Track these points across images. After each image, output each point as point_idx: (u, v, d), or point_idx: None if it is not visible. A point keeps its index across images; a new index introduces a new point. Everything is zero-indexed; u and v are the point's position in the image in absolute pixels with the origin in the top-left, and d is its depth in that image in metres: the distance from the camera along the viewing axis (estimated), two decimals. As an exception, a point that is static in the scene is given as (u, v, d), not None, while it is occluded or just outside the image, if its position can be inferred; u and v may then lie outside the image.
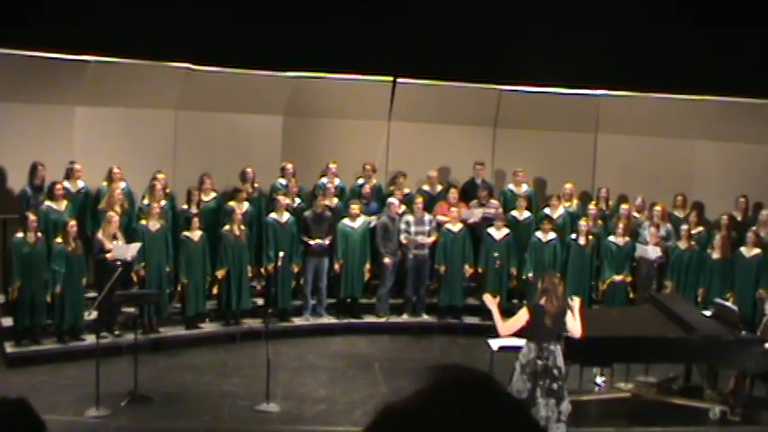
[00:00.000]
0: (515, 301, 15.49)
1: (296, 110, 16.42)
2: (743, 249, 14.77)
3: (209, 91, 15.53)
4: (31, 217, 12.90)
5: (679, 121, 16.56)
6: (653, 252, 14.62)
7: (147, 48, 14.45)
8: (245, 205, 14.88)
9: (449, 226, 15.29)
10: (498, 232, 15.19)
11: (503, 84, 16.65)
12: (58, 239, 12.97)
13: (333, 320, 15.18)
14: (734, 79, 15.23)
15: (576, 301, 10.00)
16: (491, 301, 10.02)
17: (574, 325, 9.85)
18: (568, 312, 9.84)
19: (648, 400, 12.04)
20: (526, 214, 15.76)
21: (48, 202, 13.70)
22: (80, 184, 14.36)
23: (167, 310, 14.20)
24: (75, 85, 14.42)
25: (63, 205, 13.74)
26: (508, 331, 9.93)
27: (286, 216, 14.79)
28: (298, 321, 14.97)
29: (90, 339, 12.52)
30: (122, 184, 14.33)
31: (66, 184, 14.06)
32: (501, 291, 14.96)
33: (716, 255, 14.74)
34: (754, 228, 15.04)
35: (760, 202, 15.93)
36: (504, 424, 1.43)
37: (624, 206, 15.57)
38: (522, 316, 9.75)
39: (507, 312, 13.42)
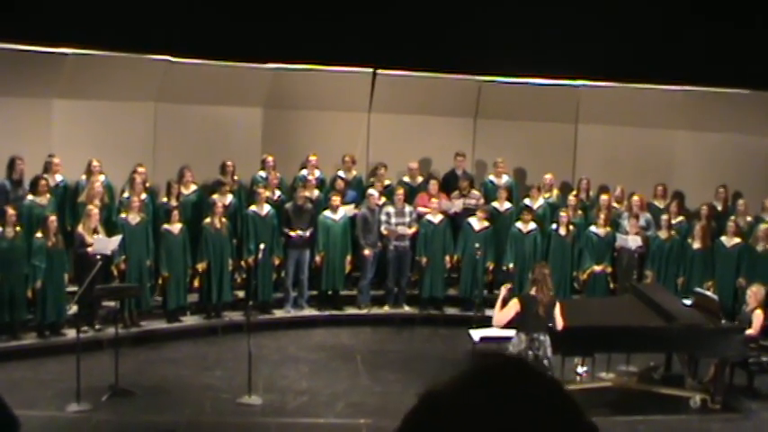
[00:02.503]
0: (496, 291, 15.53)
1: (276, 102, 16.38)
2: (723, 239, 14.86)
3: (188, 83, 15.46)
4: (10, 211, 12.81)
5: (659, 112, 16.61)
6: (633, 242, 14.67)
7: (126, 40, 14.36)
8: (229, 198, 14.85)
9: (429, 217, 15.29)
10: (479, 223, 15.20)
11: (483, 75, 16.65)
12: (38, 234, 12.88)
13: (314, 312, 15.17)
14: (713, 70, 15.29)
15: (557, 305, 10.12)
16: (503, 291, 10.26)
17: (558, 318, 9.96)
18: (557, 304, 9.95)
19: (629, 389, 12.09)
20: (507, 205, 15.79)
21: (31, 197, 13.61)
22: (58, 177, 14.26)
23: (148, 303, 14.14)
24: (52, 77, 14.33)
25: (46, 200, 13.65)
26: (500, 322, 10.02)
27: (266, 208, 14.76)
28: (279, 314, 14.95)
29: (70, 334, 12.43)
30: (101, 178, 14.25)
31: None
32: (475, 281, 14.99)
33: (696, 244, 14.82)
34: (733, 217, 15.13)
35: (739, 191, 16.00)
36: (543, 404, 1.47)
37: (604, 196, 15.61)
38: (513, 306, 9.83)
39: (489, 303, 13.50)
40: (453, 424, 1.46)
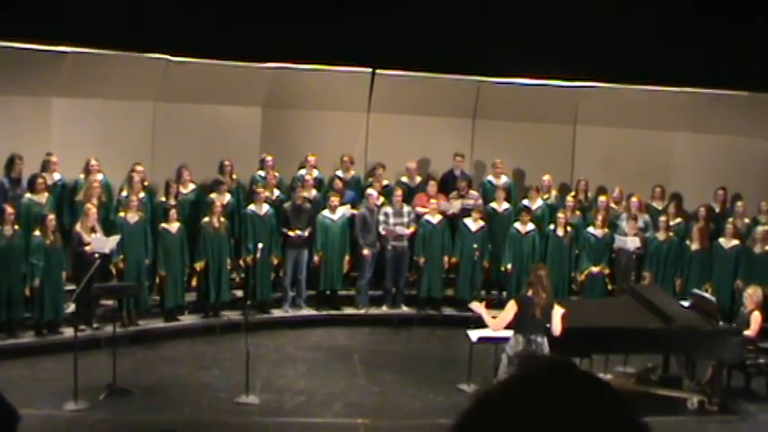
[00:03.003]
0: (495, 292, 15.59)
1: (275, 101, 16.38)
2: (721, 240, 14.86)
3: (187, 82, 15.46)
4: (9, 210, 12.80)
5: (658, 113, 16.62)
6: (632, 243, 14.67)
7: (126, 39, 14.36)
8: (227, 197, 14.84)
9: (428, 217, 15.29)
10: (475, 224, 15.21)
11: (482, 75, 16.65)
12: (37, 232, 12.88)
13: (312, 312, 15.16)
14: (712, 71, 15.30)
15: (559, 310, 10.06)
16: (477, 307, 10.15)
17: (556, 323, 9.92)
18: (556, 307, 9.91)
19: (627, 390, 12.08)
20: (505, 206, 15.79)
21: (29, 195, 13.61)
22: (56, 176, 14.26)
23: (146, 302, 14.13)
24: (52, 76, 14.32)
25: (44, 198, 13.65)
26: (500, 326, 9.99)
27: (265, 208, 14.76)
28: (277, 313, 14.95)
29: (68, 332, 12.44)
30: (100, 177, 14.25)
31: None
32: (474, 282, 14.97)
33: (694, 246, 14.83)
34: (731, 219, 15.14)
35: (738, 193, 16.01)
36: (594, 405, 1.51)
37: (602, 198, 15.62)
38: (511, 308, 9.83)
39: (486, 304, 13.47)
40: (505, 425, 1.49)
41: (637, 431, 1.52)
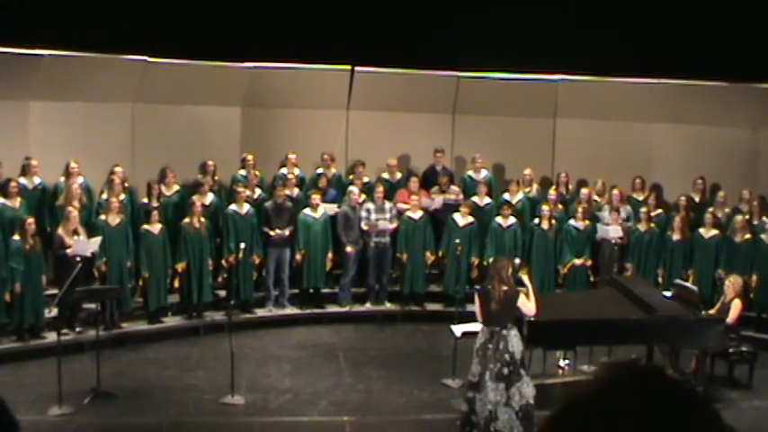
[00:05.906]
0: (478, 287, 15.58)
1: (254, 100, 16.35)
2: (701, 230, 14.92)
3: (166, 83, 15.41)
4: (-12, 215, 12.75)
5: (637, 105, 16.67)
6: (614, 231, 14.70)
7: (103, 41, 14.30)
8: (209, 197, 14.80)
9: (409, 213, 15.30)
10: (463, 219, 15.21)
11: (461, 70, 16.67)
12: (16, 236, 12.80)
13: (296, 311, 15.15)
14: (691, 62, 15.35)
15: (525, 277, 10.16)
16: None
17: (527, 305, 9.91)
18: (521, 296, 9.88)
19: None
20: (486, 200, 15.80)
21: (1, 200, 13.52)
22: (36, 180, 14.19)
23: (129, 304, 14.07)
24: (29, 79, 14.25)
25: (17, 202, 13.57)
26: (477, 317, 10.06)
27: (246, 207, 14.73)
28: (260, 313, 14.94)
29: (51, 337, 12.38)
30: (80, 179, 14.19)
31: (22, 180, 13.91)
32: (460, 278, 14.97)
33: (675, 236, 14.89)
34: (711, 209, 15.20)
35: (717, 183, 16.08)
36: (685, 412, 1.51)
37: (584, 190, 15.67)
38: (476, 301, 9.92)
39: (471, 299, 13.51)
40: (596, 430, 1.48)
41: None
